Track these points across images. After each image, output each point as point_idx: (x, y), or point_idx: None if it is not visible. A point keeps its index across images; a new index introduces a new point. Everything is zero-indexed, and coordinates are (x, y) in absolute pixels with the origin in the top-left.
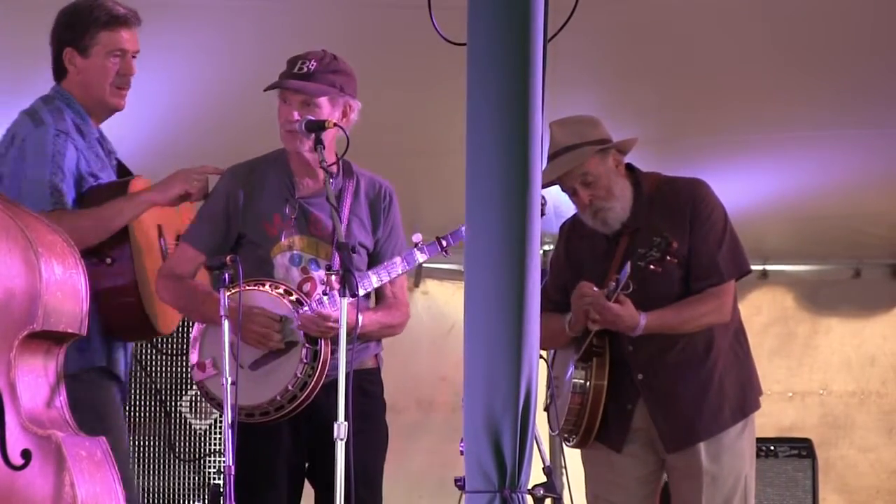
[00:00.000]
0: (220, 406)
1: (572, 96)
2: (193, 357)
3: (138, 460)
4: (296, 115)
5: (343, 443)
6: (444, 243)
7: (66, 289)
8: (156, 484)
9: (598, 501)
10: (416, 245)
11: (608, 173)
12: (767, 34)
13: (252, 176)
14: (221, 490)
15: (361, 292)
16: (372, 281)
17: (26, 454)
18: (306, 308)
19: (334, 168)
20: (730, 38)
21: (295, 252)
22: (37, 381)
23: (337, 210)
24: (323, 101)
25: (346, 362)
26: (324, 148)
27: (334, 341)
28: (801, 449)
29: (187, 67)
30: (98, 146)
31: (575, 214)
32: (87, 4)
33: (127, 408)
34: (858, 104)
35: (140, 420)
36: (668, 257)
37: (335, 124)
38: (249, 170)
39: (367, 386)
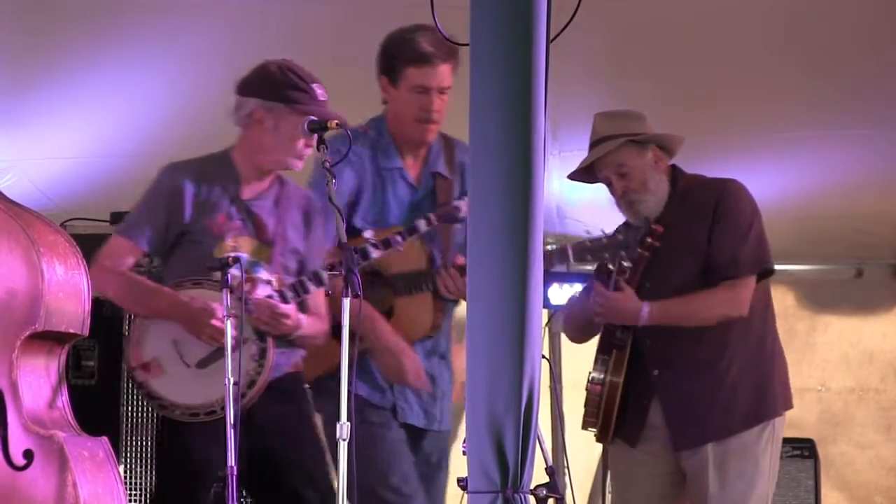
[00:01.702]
0: (162, 407)
1: (575, 96)
2: (135, 357)
3: (139, 460)
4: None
5: (345, 443)
6: (399, 238)
7: (68, 289)
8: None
9: (618, 498)
10: (367, 241)
11: (644, 167)
12: (769, 34)
13: (196, 174)
14: (223, 490)
15: (312, 289)
16: (324, 277)
17: (28, 454)
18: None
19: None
20: (732, 38)
21: (240, 254)
22: (39, 382)
23: (340, 212)
24: None
25: (349, 363)
26: (327, 148)
27: (279, 341)
28: (804, 449)
29: (187, 69)
30: None
31: None
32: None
33: (128, 408)
34: (860, 104)
35: (140, 420)
36: (649, 239)
37: (337, 125)
38: (194, 168)
39: (297, 389)
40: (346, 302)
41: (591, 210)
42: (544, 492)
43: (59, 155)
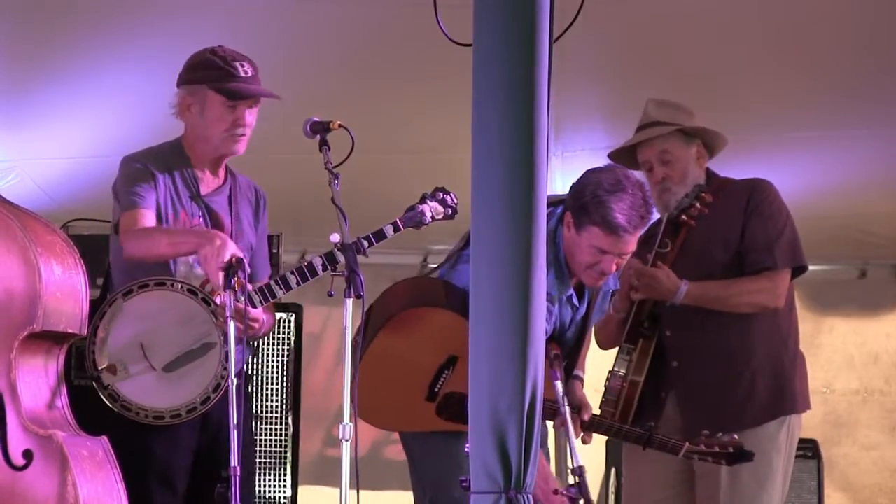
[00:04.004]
0: (126, 409)
1: (578, 96)
2: (101, 360)
3: None
4: (248, 119)
5: (348, 443)
6: (365, 244)
7: (65, 289)
8: None
9: (630, 490)
10: (335, 245)
11: (687, 159)
12: (773, 35)
13: (157, 165)
14: (227, 490)
15: (280, 294)
16: (291, 282)
17: (28, 454)
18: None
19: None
20: (735, 39)
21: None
22: (38, 382)
23: (343, 213)
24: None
25: (352, 364)
26: (329, 149)
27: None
28: (807, 450)
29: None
30: None
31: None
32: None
33: None
34: (864, 105)
35: None
36: (699, 205)
37: (340, 125)
38: (153, 158)
39: (243, 387)
40: (349, 303)
41: None
42: (574, 492)
43: (63, 155)
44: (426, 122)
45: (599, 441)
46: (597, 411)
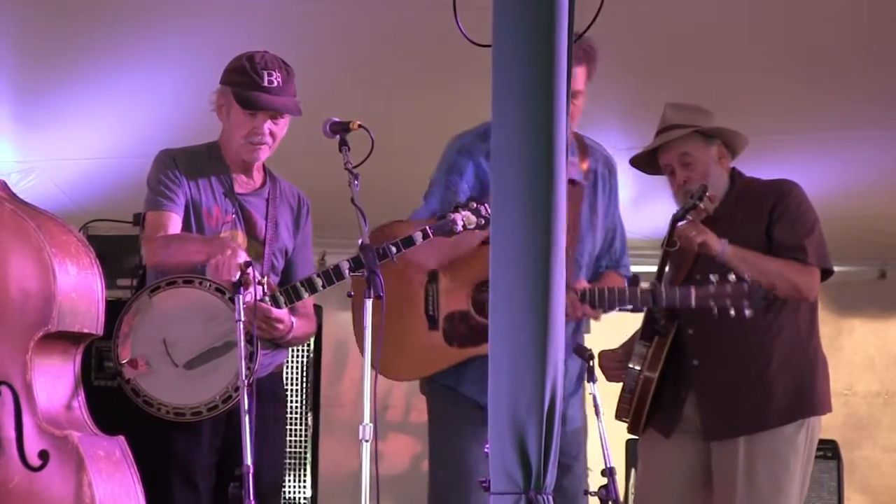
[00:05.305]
0: (148, 405)
1: (597, 96)
2: (124, 353)
3: None
4: (267, 129)
5: (368, 444)
6: (393, 249)
7: (80, 289)
8: None
9: (642, 488)
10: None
11: (708, 160)
12: (794, 34)
13: (192, 164)
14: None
15: (305, 296)
16: (317, 285)
17: (44, 455)
18: (248, 298)
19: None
20: (757, 39)
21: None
22: (53, 382)
23: (363, 213)
24: (288, 117)
25: (372, 364)
26: (348, 150)
27: (265, 342)
28: (827, 450)
29: (210, 70)
30: None
31: None
32: None
33: None
34: (881, 106)
35: None
36: (700, 204)
37: (360, 125)
38: (188, 157)
39: (278, 390)
40: (369, 303)
41: None
42: (605, 493)
43: (82, 156)
44: (446, 124)
45: (620, 442)
46: (612, 409)
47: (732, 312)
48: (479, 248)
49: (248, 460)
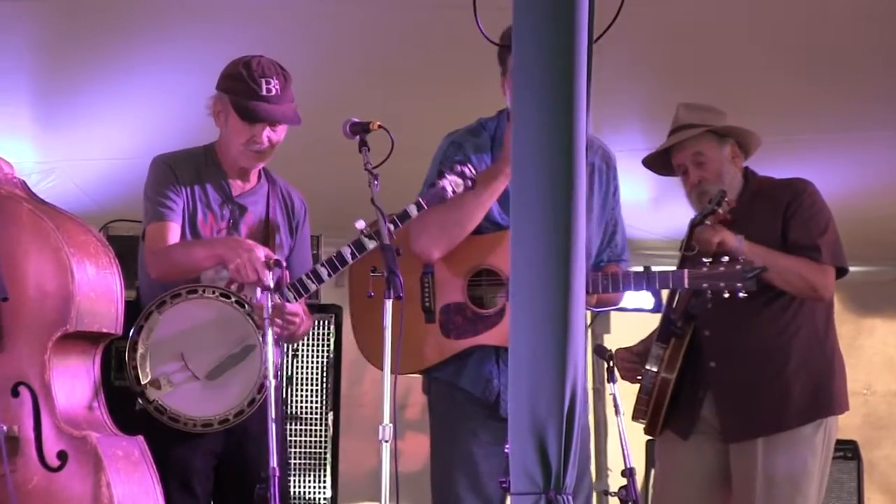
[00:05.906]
0: (175, 421)
1: (617, 98)
2: (143, 376)
3: None
4: (265, 137)
5: (388, 444)
6: (391, 226)
7: (99, 289)
8: None
9: (660, 490)
10: (361, 232)
11: (721, 159)
12: (812, 36)
13: (189, 169)
14: (266, 492)
15: (312, 288)
16: (322, 274)
17: (62, 455)
18: (259, 298)
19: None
20: (773, 40)
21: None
22: (72, 382)
23: (383, 214)
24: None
25: (392, 364)
26: (368, 150)
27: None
28: (847, 451)
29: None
30: None
31: None
32: None
33: None
34: None
35: None
36: (722, 211)
37: (380, 126)
38: (185, 162)
39: (277, 391)
40: (388, 304)
41: (629, 213)
42: (625, 493)
43: (102, 156)
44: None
45: (640, 443)
46: (630, 410)
47: (726, 294)
48: (468, 239)
49: (274, 462)
